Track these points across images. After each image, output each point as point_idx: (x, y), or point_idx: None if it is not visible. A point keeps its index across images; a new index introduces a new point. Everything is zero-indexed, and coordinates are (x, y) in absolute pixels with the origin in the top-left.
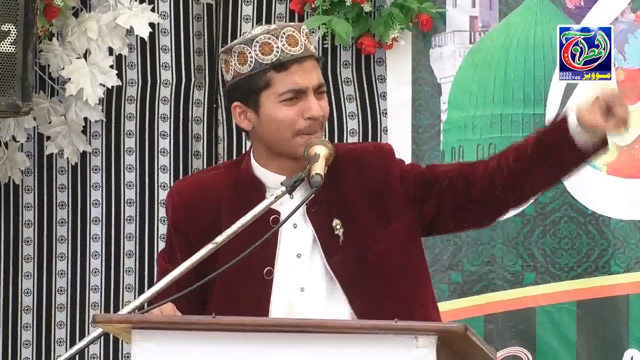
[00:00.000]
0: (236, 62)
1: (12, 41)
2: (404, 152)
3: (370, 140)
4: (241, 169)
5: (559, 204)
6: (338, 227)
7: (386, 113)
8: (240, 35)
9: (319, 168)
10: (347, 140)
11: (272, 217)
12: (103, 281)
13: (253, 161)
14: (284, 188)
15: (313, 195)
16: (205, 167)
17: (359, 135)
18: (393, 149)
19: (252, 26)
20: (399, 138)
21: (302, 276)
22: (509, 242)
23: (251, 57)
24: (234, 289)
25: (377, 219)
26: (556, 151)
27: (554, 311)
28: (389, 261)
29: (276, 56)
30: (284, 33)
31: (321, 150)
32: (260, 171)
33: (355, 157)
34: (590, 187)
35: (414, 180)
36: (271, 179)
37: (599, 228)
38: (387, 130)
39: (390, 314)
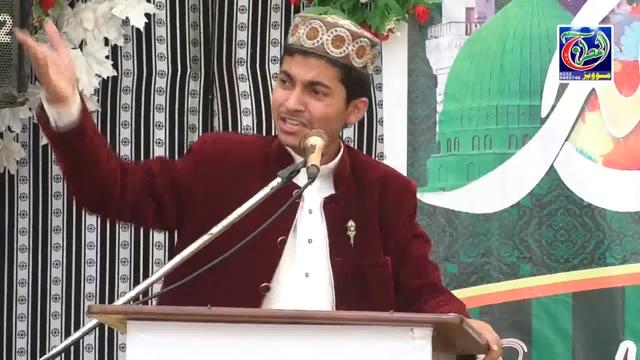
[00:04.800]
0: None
1: (7, 31)
2: (399, 143)
3: (365, 131)
4: (274, 146)
5: (555, 196)
6: (352, 229)
7: (382, 104)
8: (235, 27)
9: (315, 159)
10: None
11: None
12: (98, 272)
13: None
14: (279, 179)
15: (309, 186)
16: None
17: (354, 126)
18: (416, 190)
19: (248, 17)
20: (395, 129)
21: (309, 262)
22: (505, 234)
23: (289, 34)
24: (248, 251)
25: (380, 241)
26: None
27: (549, 303)
28: (380, 282)
29: (293, 41)
30: (310, 23)
31: (317, 142)
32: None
33: (384, 177)
34: (586, 178)
35: (398, 245)
36: (296, 157)
37: (595, 220)
38: (382, 122)
39: None
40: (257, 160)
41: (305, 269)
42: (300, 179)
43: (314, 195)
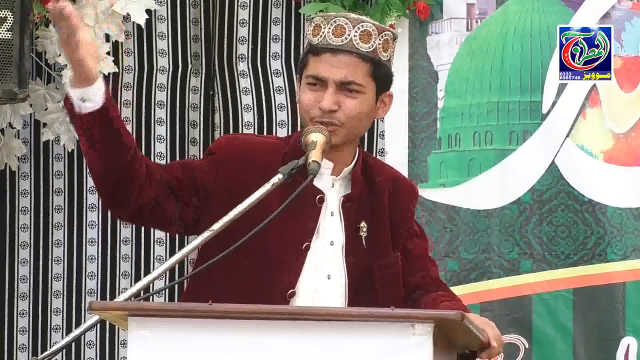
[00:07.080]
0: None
1: (8, 27)
2: (400, 139)
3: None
4: (290, 145)
5: (555, 192)
6: (364, 229)
7: None
8: (236, 23)
9: (316, 155)
10: None
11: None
12: (99, 268)
13: None
14: (281, 175)
15: (311, 184)
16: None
17: None
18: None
19: (249, 13)
20: (395, 126)
21: (331, 265)
22: (506, 230)
23: (308, 35)
24: (274, 258)
25: (390, 241)
26: None
27: (550, 299)
28: (388, 283)
29: (317, 40)
30: (334, 21)
31: (318, 138)
32: None
33: (393, 179)
34: (587, 174)
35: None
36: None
37: (595, 216)
38: (383, 118)
39: None
40: (274, 162)
41: (327, 272)
42: (323, 181)
43: (334, 198)
